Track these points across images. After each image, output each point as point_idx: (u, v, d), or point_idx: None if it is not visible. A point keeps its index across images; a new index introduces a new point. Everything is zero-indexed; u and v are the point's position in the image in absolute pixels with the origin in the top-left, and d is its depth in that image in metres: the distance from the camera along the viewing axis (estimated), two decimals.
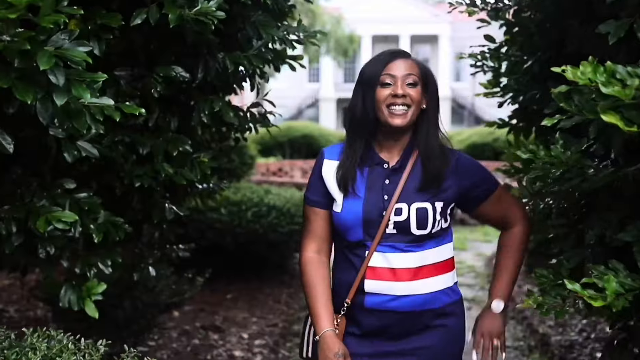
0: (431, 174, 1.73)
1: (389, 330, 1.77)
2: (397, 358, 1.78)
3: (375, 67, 1.73)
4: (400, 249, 1.71)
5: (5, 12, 1.16)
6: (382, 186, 1.73)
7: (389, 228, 1.70)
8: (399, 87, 1.67)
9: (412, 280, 1.73)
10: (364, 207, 1.71)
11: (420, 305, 1.75)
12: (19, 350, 1.58)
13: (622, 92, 1.30)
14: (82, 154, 1.87)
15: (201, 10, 1.77)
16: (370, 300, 1.74)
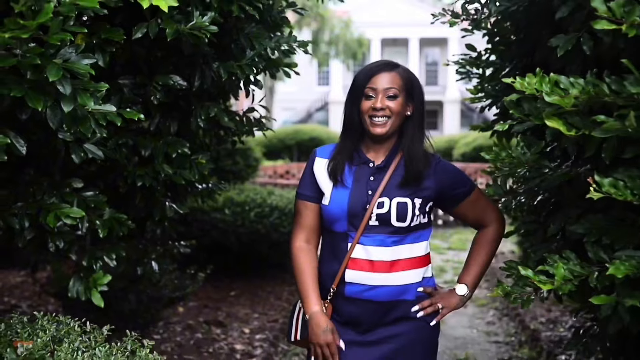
0: (412, 173, 1.88)
1: (367, 319, 1.91)
2: (374, 346, 1.92)
3: (361, 79, 1.91)
4: (380, 240, 1.86)
5: (19, 32, 1.34)
6: (366, 182, 1.90)
7: (372, 220, 1.86)
8: (379, 100, 1.84)
9: (388, 272, 1.88)
10: (349, 201, 1.87)
11: (396, 295, 1.89)
12: (30, 330, 1.76)
13: (563, 100, 1.46)
14: (89, 156, 2.05)
15: (195, 25, 1.94)
16: (349, 289, 1.90)
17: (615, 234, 1.69)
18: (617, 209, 1.72)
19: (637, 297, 1.54)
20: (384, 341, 1.93)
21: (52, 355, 1.65)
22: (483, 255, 2.07)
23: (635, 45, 1.61)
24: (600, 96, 1.47)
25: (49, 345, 1.70)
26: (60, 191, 2.16)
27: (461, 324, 4.81)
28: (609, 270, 1.49)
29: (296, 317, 2.03)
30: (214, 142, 2.81)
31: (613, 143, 1.54)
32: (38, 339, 1.72)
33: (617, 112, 1.42)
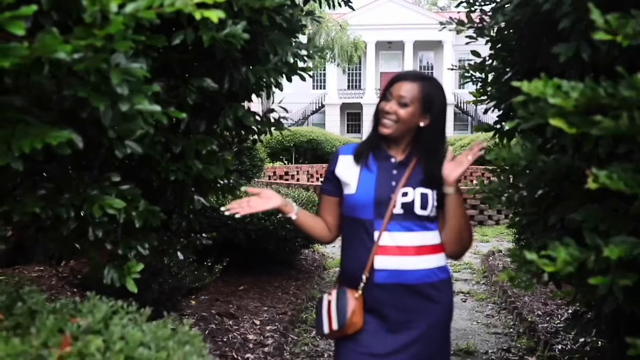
0: (428, 174, 2.10)
1: (393, 304, 2.07)
2: (396, 332, 2.08)
3: (388, 83, 2.13)
4: (406, 227, 2.05)
5: (93, 40, 1.53)
6: (390, 174, 2.10)
7: (397, 208, 2.05)
8: (390, 105, 2.05)
9: (415, 255, 2.06)
10: (375, 190, 2.07)
11: (421, 278, 2.07)
12: (85, 309, 1.95)
13: (564, 102, 1.66)
14: (129, 151, 2.24)
15: (229, 33, 2.13)
16: (379, 276, 2.06)
17: (610, 222, 1.90)
18: (612, 200, 1.93)
19: (630, 278, 1.74)
20: (405, 327, 2.08)
21: (106, 328, 1.84)
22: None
23: (628, 53, 1.81)
24: (597, 99, 1.67)
25: (101, 321, 1.89)
26: (101, 184, 2.35)
27: (462, 317, 5.02)
28: (604, 253, 1.69)
29: (327, 309, 2.14)
30: (235, 141, 3.01)
31: (608, 140, 1.75)
32: (91, 316, 1.91)
33: (612, 113, 1.61)
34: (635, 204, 1.70)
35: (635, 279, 1.72)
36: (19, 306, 1.96)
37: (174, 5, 1.66)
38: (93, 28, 1.59)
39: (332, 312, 2.10)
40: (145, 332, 1.87)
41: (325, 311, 2.14)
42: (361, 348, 2.07)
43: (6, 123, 1.70)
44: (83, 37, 1.58)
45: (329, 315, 2.12)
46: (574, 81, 1.78)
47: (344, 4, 3.46)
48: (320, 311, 2.17)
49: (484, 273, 6.52)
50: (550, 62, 2.26)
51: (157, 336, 1.86)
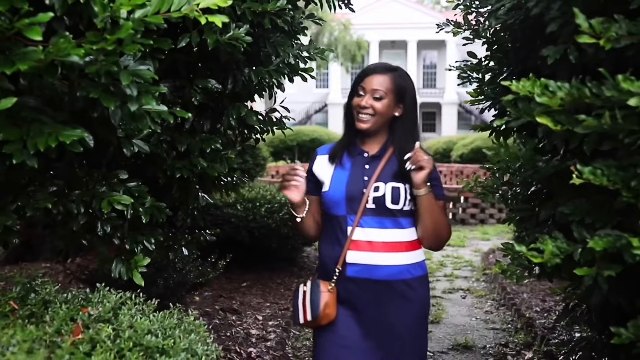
0: (402, 167, 2.08)
1: (365, 298, 2.10)
2: (367, 323, 2.11)
3: (358, 77, 2.17)
4: (378, 223, 2.08)
5: (104, 44, 1.63)
6: (362, 170, 2.14)
7: (369, 203, 2.08)
8: (365, 99, 2.09)
9: (386, 252, 2.08)
10: (347, 186, 2.11)
11: (393, 275, 2.09)
12: (95, 300, 2.05)
13: (550, 101, 1.75)
14: (136, 150, 2.34)
15: (233, 36, 2.23)
16: (351, 270, 2.10)
17: (596, 216, 1.98)
18: (599, 195, 2.01)
19: (614, 269, 1.82)
20: (377, 321, 2.11)
21: (116, 318, 1.94)
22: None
23: (613, 56, 1.90)
24: (582, 98, 1.75)
25: (111, 311, 1.98)
26: (109, 182, 2.44)
27: (461, 313, 5.10)
28: (589, 244, 1.78)
29: (302, 300, 2.17)
30: (239, 140, 3.10)
31: (593, 137, 1.83)
32: (101, 306, 2.00)
33: (595, 112, 1.70)
34: (618, 198, 1.78)
35: (619, 270, 1.80)
36: (32, 297, 2.06)
37: (181, 11, 1.76)
38: (104, 33, 1.69)
39: (307, 303, 2.15)
40: (153, 321, 1.97)
41: (301, 302, 2.17)
42: (335, 338, 2.12)
43: (22, 122, 1.79)
44: (95, 42, 1.67)
45: (303, 306, 2.16)
46: (562, 82, 1.87)
47: (344, 6, 3.54)
48: (296, 301, 2.20)
49: (484, 270, 6.61)
50: (542, 63, 2.34)
51: (164, 325, 1.95)
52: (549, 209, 2.28)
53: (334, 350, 2.12)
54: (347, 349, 2.10)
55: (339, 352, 2.11)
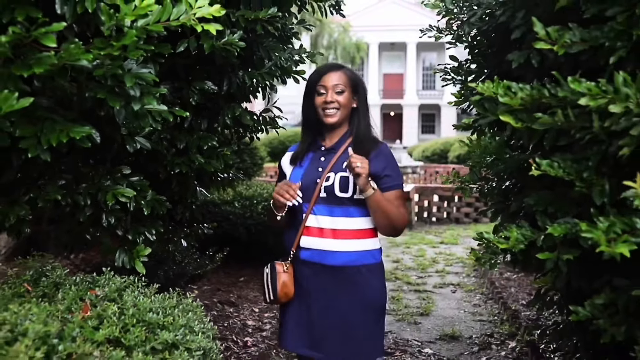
0: (362, 152, 2.23)
1: (317, 281, 2.25)
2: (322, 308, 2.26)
3: (313, 79, 2.33)
4: (329, 211, 2.24)
5: (110, 50, 1.82)
6: (318, 162, 2.32)
7: (322, 192, 2.25)
8: (329, 95, 2.27)
9: (335, 239, 2.24)
10: (302, 178, 2.29)
11: (343, 261, 2.24)
12: (101, 283, 2.24)
13: (512, 100, 1.94)
14: (138, 146, 2.53)
15: (227, 41, 2.42)
16: (304, 254, 2.28)
17: (558, 205, 2.18)
18: (561, 187, 2.20)
19: (572, 253, 2.01)
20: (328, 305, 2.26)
21: (120, 298, 2.13)
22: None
23: (572, 59, 2.09)
24: (541, 98, 1.94)
25: (116, 291, 2.18)
26: (113, 176, 2.64)
27: (450, 306, 5.30)
28: (548, 230, 1.97)
29: (266, 280, 2.34)
30: (234, 138, 3.30)
31: (552, 134, 2.02)
32: (107, 287, 2.20)
33: (550, 110, 1.90)
34: (574, 189, 1.97)
35: (577, 254, 1.99)
36: (44, 280, 2.25)
37: (179, 20, 1.95)
38: (110, 39, 1.88)
39: (268, 283, 2.32)
40: (154, 301, 2.16)
41: (266, 282, 2.34)
42: (293, 316, 2.31)
43: (36, 120, 1.98)
44: (102, 47, 1.87)
45: (267, 285, 2.34)
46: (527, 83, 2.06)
47: (335, 12, 3.74)
48: (264, 283, 2.37)
49: (475, 267, 6.80)
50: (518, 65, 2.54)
51: (165, 305, 2.15)
52: (519, 201, 2.47)
53: (291, 326, 2.31)
54: (302, 328, 2.28)
55: (294, 329, 2.31)
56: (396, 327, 4.66)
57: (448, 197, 10.78)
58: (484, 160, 2.47)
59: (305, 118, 2.38)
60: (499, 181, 2.75)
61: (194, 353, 2.02)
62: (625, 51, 1.86)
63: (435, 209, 10.95)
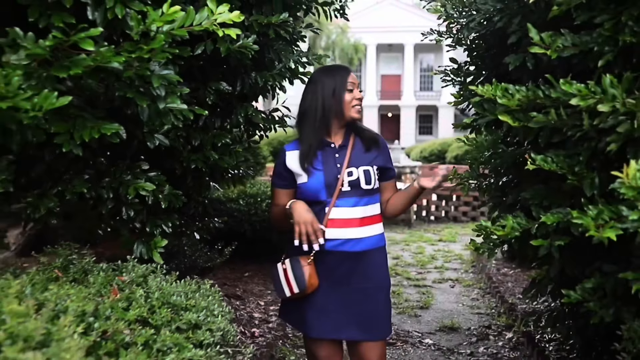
0: (372, 141, 2.46)
1: (341, 268, 2.39)
2: (347, 292, 2.41)
3: (340, 78, 2.42)
4: (352, 202, 2.38)
5: (140, 53, 1.98)
6: (334, 159, 2.44)
7: (344, 187, 2.38)
8: (357, 92, 2.43)
9: (360, 226, 2.40)
10: (324, 176, 2.39)
11: (366, 246, 2.41)
12: (128, 269, 2.40)
13: (509, 101, 2.11)
14: (157, 143, 2.69)
15: (242, 44, 2.58)
16: (329, 244, 2.38)
17: (552, 198, 2.35)
18: (554, 181, 2.37)
19: (563, 240, 2.18)
20: (353, 288, 2.41)
21: (145, 283, 2.29)
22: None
23: (565, 63, 2.25)
24: (536, 99, 2.11)
25: (141, 277, 2.34)
26: (133, 171, 2.79)
27: (449, 300, 5.47)
28: (541, 219, 2.14)
29: (284, 275, 2.44)
30: (244, 136, 3.46)
31: (547, 131, 2.19)
32: (133, 273, 2.36)
33: (544, 110, 2.06)
34: (567, 182, 2.14)
35: (567, 241, 2.16)
36: (72, 267, 2.41)
37: (202, 25, 2.11)
38: (139, 43, 2.05)
39: (290, 279, 2.40)
40: (177, 286, 2.32)
41: (283, 278, 2.44)
42: (314, 305, 2.41)
43: (68, 118, 2.14)
44: (131, 50, 2.03)
45: (287, 281, 2.42)
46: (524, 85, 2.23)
47: (339, 15, 3.90)
48: (277, 279, 2.47)
49: (473, 263, 6.98)
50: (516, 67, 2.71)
51: (186, 290, 2.31)
52: (515, 194, 2.64)
53: (315, 314, 2.42)
54: (327, 314, 2.40)
55: (319, 316, 2.42)
56: (397, 320, 4.83)
57: (446, 196, 10.96)
58: (482, 156, 2.64)
59: (319, 119, 2.42)
60: (496, 176, 2.92)
61: (214, 333, 2.18)
62: (613, 55, 2.03)
63: (433, 207, 11.13)
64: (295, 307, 2.51)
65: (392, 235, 9.34)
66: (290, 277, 2.41)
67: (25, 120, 1.82)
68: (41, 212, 2.48)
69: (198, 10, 2.16)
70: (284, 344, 4.12)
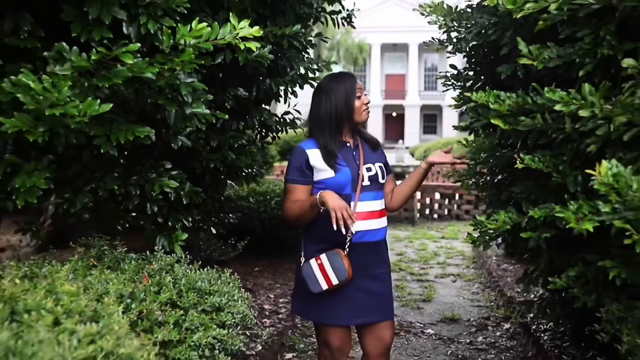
0: (375, 143, 2.74)
1: (367, 256, 2.61)
2: (371, 274, 2.64)
3: (349, 86, 2.63)
4: (373, 195, 2.63)
5: (171, 64, 2.23)
6: (352, 157, 2.66)
7: (365, 181, 2.60)
8: (365, 98, 2.65)
9: (378, 218, 2.66)
10: (351, 171, 2.60)
11: (381, 235, 2.68)
12: (156, 258, 2.65)
13: (500, 107, 2.35)
14: (180, 144, 2.94)
15: (259, 54, 2.83)
16: (357, 237, 2.59)
17: (539, 194, 2.59)
18: (543, 179, 2.61)
19: (549, 232, 2.41)
20: (375, 271, 2.65)
21: (172, 271, 2.54)
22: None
23: (551, 72, 2.49)
24: (525, 105, 2.35)
25: (168, 265, 2.59)
26: (157, 170, 3.04)
27: (450, 294, 5.71)
28: (529, 213, 2.38)
29: (319, 270, 2.54)
30: (258, 138, 3.71)
31: (534, 134, 2.42)
32: (161, 262, 2.61)
33: (531, 115, 2.30)
34: (552, 179, 2.38)
35: (553, 233, 2.40)
36: (105, 256, 2.66)
37: (225, 39, 2.36)
38: (169, 55, 2.29)
39: (328, 272, 2.55)
40: (200, 274, 2.57)
41: (319, 273, 2.54)
42: (337, 294, 2.59)
43: (105, 122, 2.39)
44: (163, 62, 2.28)
45: (324, 275, 2.53)
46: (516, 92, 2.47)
47: (347, 24, 4.14)
48: (310, 275, 2.55)
49: (474, 259, 7.22)
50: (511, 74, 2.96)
51: (209, 277, 2.56)
52: (508, 191, 2.88)
53: (340, 304, 2.61)
54: (348, 302, 2.60)
55: (343, 305, 2.61)
56: (400, 312, 5.07)
57: (449, 195, 11.20)
58: (479, 157, 2.88)
59: (334, 121, 2.61)
60: (492, 175, 3.16)
61: (235, 316, 2.43)
62: (592, 66, 2.27)
63: (436, 206, 11.37)
64: (316, 301, 2.63)
65: (396, 232, 9.59)
66: (329, 270, 2.52)
67: (72, 125, 2.07)
68: (77, 207, 2.73)
69: (220, 23, 2.40)
70: (293, 333, 4.37)
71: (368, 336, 2.73)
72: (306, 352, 4.10)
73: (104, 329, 1.71)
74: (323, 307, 2.65)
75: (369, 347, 2.73)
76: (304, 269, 2.59)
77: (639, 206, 1.90)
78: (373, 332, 2.70)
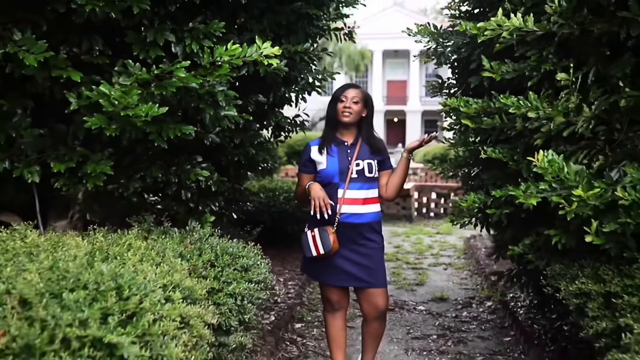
0: (375, 148, 3.31)
1: (352, 236, 3.25)
2: (356, 250, 3.26)
3: (339, 92, 3.33)
4: (358, 186, 3.25)
5: (212, 77, 2.88)
6: (346, 153, 3.30)
7: (353, 174, 3.24)
8: (347, 103, 3.26)
9: (363, 204, 3.27)
10: (338, 163, 3.27)
11: (367, 219, 3.28)
12: (194, 231, 3.29)
13: (468, 110, 2.99)
14: (210, 140, 3.58)
15: (277, 67, 3.46)
16: (343, 217, 3.26)
17: (503, 180, 3.23)
18: (506, 168, 3.25)
19: (509, 209, 3.05)
20: (359, 248, 3.27)
21: (207, 241, 3.18)
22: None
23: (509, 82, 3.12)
24: (488, 108, 2.99)
25: (205, 236, 3.22)
26: (191, 162, 3.68)
27: (441, 279, 6.35)
28: (492, 193, 3.01)
29: (312, 240, 3.26)
30: (272, 137, 4.36)
31: (496, 131, 3.07)
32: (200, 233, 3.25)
33: (491, 116, 2.94)
34: (508, 167, 3.02)
35: (513, 210, 3.03)
36: (152, 230, 3.30)
37: (252, 57, 2.99)
38: (209, 69, 2.94)
39: (318, 242, 3.23)
40: (230, 243, 3.21)
41: (311, 241, 3.26)
42: (330, 262, 3.28)
43: (158, 121, 3.02)
44: (204, 75, 2.93)
45: (314, 244, 3.26)
46: (483, 98, 3.11)
47: (348, 39, 4.79)
48: (306, 242, 3.29)
49: (465, 251, 7.86)
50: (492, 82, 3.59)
51: (238, 246, 3.20)
52: (479, 179, 3.53)
53: (331, 269, 3.28)
54: (338, 268, 3.27)
55: (333, 270, 3.28)
56: (396, 293, 5.71)
57: (445, 194, 11.85)
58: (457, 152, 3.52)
59: (329, 118, 3.34)
60: (467, 167, 3.80)
61: (259, 276, 3.07)
62: (538, 79, 2.90)
63: (433, 205, 12.02)
64: (314, 264, 3.36)
65: (394, 228, 10.22)
66: (318, 241, 3.24)
67: (138, 123, 2.71)
68: (130, 190, 3.37)
69: (243, 42, 3.04)
70: (302, 308, 5.00)
71: (364, 301, 3.36)
72: (312, 322, 4.74)
73: (172, 270, 2.35)
74: (318, 269, 3.38)
75: (365, 311, 3.38)
76: (303, 237, 3.33)
77: (570, 186, 2.54)
78: (367, 298, 3.33)
